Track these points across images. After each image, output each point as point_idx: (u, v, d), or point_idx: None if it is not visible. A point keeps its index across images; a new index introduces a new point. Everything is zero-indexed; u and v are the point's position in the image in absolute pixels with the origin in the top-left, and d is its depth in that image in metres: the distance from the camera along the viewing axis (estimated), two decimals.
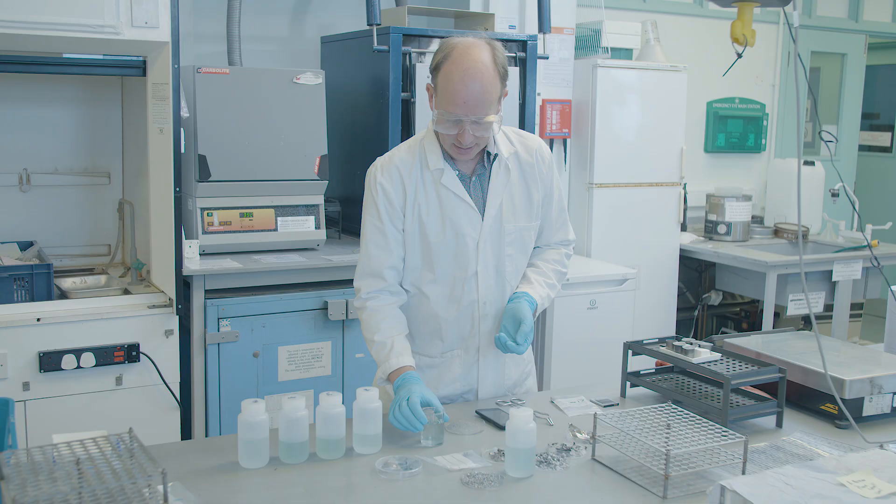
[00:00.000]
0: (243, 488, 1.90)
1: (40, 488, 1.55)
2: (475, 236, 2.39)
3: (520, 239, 2.45)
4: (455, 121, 2.24)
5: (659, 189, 5.30)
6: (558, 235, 2.57)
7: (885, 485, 1.73)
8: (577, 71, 5.11)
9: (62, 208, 4.08)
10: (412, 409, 2.14)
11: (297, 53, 4.71)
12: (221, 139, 3.79)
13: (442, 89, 2.25)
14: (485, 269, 2.41)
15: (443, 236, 2.37)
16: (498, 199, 2.40)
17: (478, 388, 2.50)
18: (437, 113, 2.27)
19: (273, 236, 3.94)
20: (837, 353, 2.57)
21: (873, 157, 8.10)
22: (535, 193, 2.46)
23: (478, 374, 2.49)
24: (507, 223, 2.41)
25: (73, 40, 3.20)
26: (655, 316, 5.33)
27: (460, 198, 2.37)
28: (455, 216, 2.37)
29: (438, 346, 2.47)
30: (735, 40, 2.51)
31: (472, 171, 2.41)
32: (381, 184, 2.37)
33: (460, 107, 2.22)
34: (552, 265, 2.54)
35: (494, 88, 2.25)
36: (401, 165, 2.38)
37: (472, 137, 2.26)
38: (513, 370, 2.56)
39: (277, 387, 3.71)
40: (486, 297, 2.43)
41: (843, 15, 6.81)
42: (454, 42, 2.27)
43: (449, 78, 2.23)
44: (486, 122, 2.25)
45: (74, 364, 3.26)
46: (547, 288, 2.48)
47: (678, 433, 2.03)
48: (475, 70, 2.21)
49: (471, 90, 2.21)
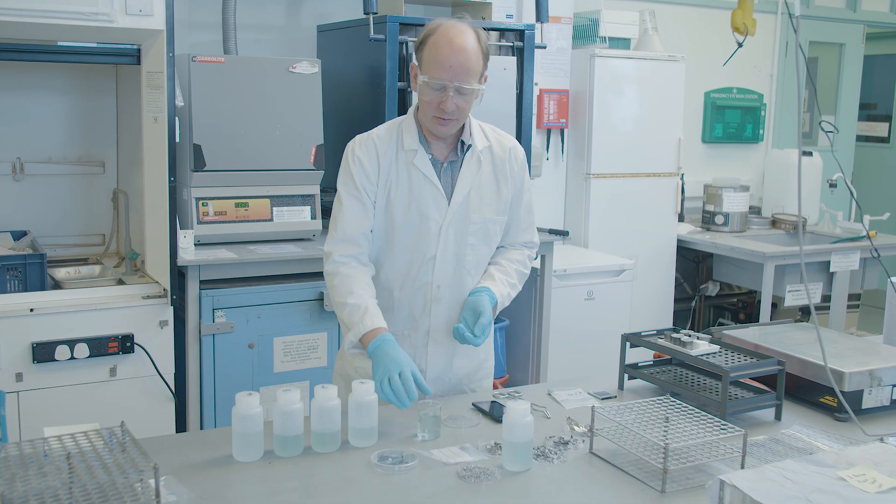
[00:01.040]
0: (237, 482, 1.89)
1: (30, 483, 1.53)
2: (439, 220, 2.42)
3: (484, 230, 2.48)
4: (439, 88, 2.31)
5: (656, 179, 5.29)
6: (524, 237, 2.62)
7: (885, 479, 1.71)
8: (575, 61, 5.09)
9: (56, 198, 4.05)
10: (405, 384, 2.16)
11: (293, 42, 4.68)
12: (217, 128, 3.76)
13: (429, 58, 2.33)
14: (444, 253, 2.43)
15: (407, 216, 2.41)
16: (466, 188, 2.44)
17: (426, 373, 2.48)
18: (421, 82, 2.34)
19: (269, 226, 3.92)
20: (836, 344, 2.56)
21: (871, 148, 8.08)
22: (505, 189, 2.50)
23: (426, 358, 2.49)
24: (474, 213, 2.45)
25: (67, 28, 3.17)
26: (653, 307, 5.33)
27: (429, 179, 2.41)
28: (422, 197, 2.41)
29: (390, 324, 2.44)
30: (735, 29, 2.49)
31: (445, 157, 2.46)
32: (359, 157, 2.43)
33: (446, 71, 2.29)
34: (515, 265, 2.56)
35: (478, 62, 2.33)
36: (378, 142, 2.44)
37: (453, 105, 2.31)
38: (463, 362, 2.55)
39: (273, 378, 3.69)
40: (440, 281, 2.44)
41: (841, 5, 6.79)
42: (440, 21, 2.39)
43: (436, 46, 2.32)
44: (468, 89, 2.31)
45: (68, 355, 3.24)
46: (508, 287, 2.51)
47: (677, 426, 2.01)
48: (462, 39, 2.31)
49: (457, 56, 2.29)
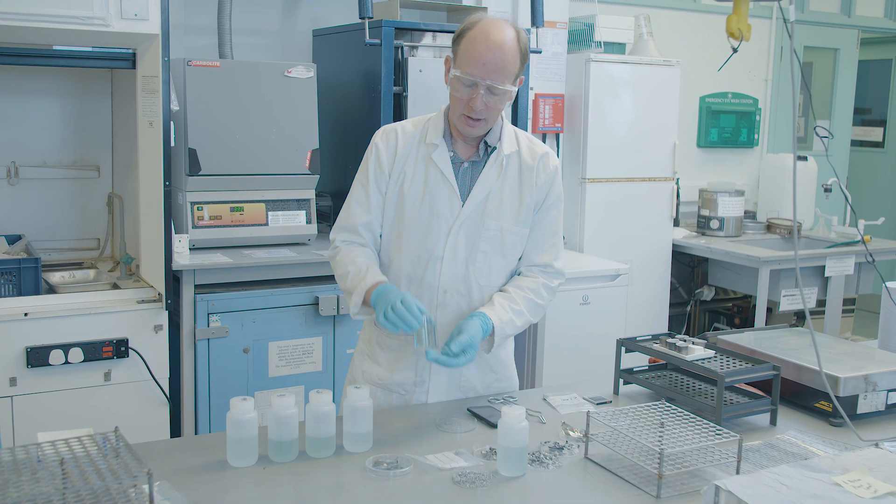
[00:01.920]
0: (232, 487, 1.88)
1: (23, 489, 1.52)
2: (450, 220, 2.35)
3: (499, 238, 2.37)
4: (471, 84, 2.24)
5: (652, 184, 5.29)
6: (542, 257, 2.44)
7: (880, 484, 1.71)
8: (570, 65, 5.09)
9: (51, 202, 4.05)
10: (407, 308, 2.13)
11: (288, 47, 4.68)
12: (212, 133, 3.76)
13: (463, 52, 2.25)
14: (452, 255, 2.35)
15: (418, 211, 2.35)
16: (484, 191, 2.36)
17: (429, 383, 2.42)
18: (453, 76, 2.26)
19: (264, 231, 3.91)
20: (831, 349, 2.56)
21: (865, 153, 8.10)
22: (528, 198, 2.39)
23: (430, 367, 2.40)
24: (489, 218, 2.36)
25: (62, 32, 3.17)
26: (648, 311, 5.33)
27: (445, 177, 2.34)
28: (435, 194, 2.35)
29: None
30: (731, 34, 2.48)
31: (468, 157, 2.38)
32: (377, 145, 2.40)
33: (479, 67, 2.21)
34: (524, 293, 2.39)
35: (514, 61, 2.25)
36: (401, 133, 2.40)
37: (482, 104, 2.24)
38: (475, 376, 2.46)
39: (268, 382, 3.69)
40: (447, 285, 2.36)
41: (835, 10, 6.80)
42: (481, 15, 2.30)
43: (473, 41, 2.23)
44: (500, 90, 2.23)
45: (62, 359, 3.23)
46: (511, 313, 2.33)
47: (672, 431, 2.01)
48: (500, 37, 2.22)
49: (493, 53, 2.21)
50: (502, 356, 2.52)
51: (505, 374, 2.54)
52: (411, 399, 2.43)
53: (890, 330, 2.76)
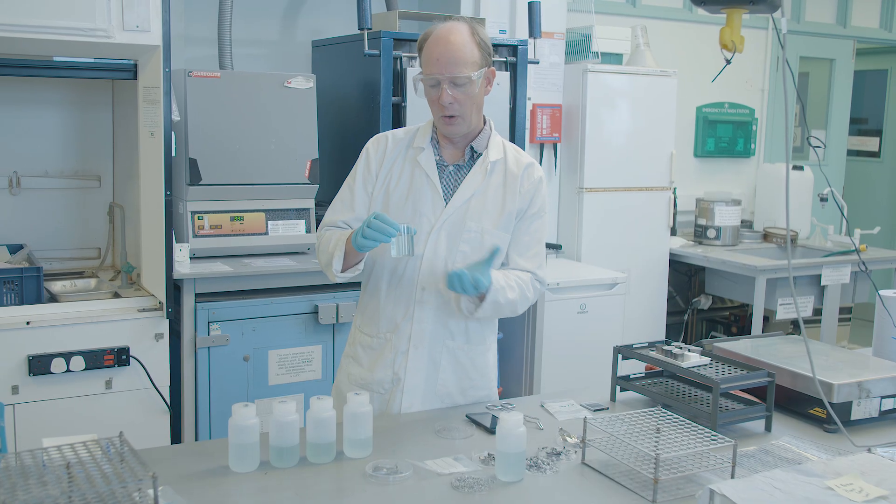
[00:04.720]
0: (233, 492, 1.90)
1: (30, 492, 1.55)
2: (432, 220, 2.41)
3: (479, 240, 2.40)
4: (434, 84, 2.34)
5: (649, 193, 5.32)
6: (525, 264, 2.46)
7: (872, 488, 1.74)
8: (568, 76, 5.12)
9: (52, 211, 4.07)
10: (382, 220, 2.20)
11: (288, 57, 4.71)
12: (212, 143, 3.79)
13: (423, 58, 2.37)
14: (433, 254, 2.40)
15: (402, 211, 2.42)
16: (467, 194, 2.42)
17: (405, 380, 2.43)
18: (421, 83, 2.38)
19: (264, 240, 3.94)
20: (826, 357, 2.59)
21: (861, 162, 8.14)
22: (511, 204, 2.43)
23: (406, 364, 2.43)
24: (471, 220, 2.41)
25: (64, 43, 3.20)
26: (645, 320, 5.35)
27: (429, 178, 2.42)
28: (419, 195, 2.42)
29: (377, 325, 2.48)
30: (724, 46, 2.52)
31: (453, 161, 2.46)
32: (368, 149, 2.52)
33: (434, 65, 2.32)
34: (518, 278, 2.41)
35: (469, 51, 2.33)
36: (391, 139, 2.51)
37: (449, 97, 2.32)
38: (451, 380, 2.49)
39: (268, 391, 3.71)
40: (426, 283, 2.41)
41: (831, 21, 6.85)
42: (438, 23, 2.41)
43: (428, 45, 2.36)
44: (461, 79, 2.31)
45: (64, 368, 3.25)
46: (505, 285, 2.35)
47: (668, 437, 2.04)
48: (449, 33, 2.34)
49: (444, 48, 2.32)
50: (479, 363, 2.53)
51: (482, 383, 2.55)
52: (390, 399, 2.46)
53: (884, 337, 2.79)
